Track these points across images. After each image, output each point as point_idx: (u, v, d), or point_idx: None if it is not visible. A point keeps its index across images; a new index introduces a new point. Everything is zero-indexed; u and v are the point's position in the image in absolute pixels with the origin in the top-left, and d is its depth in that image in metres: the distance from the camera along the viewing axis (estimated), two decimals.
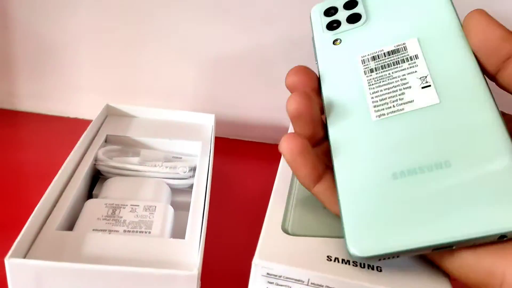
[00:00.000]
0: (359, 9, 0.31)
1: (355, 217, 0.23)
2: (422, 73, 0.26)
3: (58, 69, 0.55)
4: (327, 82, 0.29)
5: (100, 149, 0.43)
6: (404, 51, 0.28)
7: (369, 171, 0.24)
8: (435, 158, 0.23)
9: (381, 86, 0.27)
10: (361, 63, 0.28)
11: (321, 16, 0.32)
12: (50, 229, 0.34)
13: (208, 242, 0.40)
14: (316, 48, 0.31)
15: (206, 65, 0.54)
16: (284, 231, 0.32)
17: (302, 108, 0.26)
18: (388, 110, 0.26)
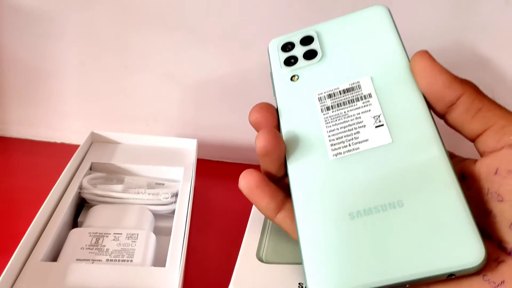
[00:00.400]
0: (315, 45, 0.31)
1: (314, 257, 0.24)
2: (376, 112, 0.27)
3: (45, 96, 0.57)
4: (286, 119, 0.29)
5: (85, 177, 0.45)
6: (359, 89, 0.28)
7: (327, 211, 0.25)
8: (389, 198, 0.24)
9: (337, 125, 0.27)
10: (318, 101, 0.29)
11: (278, 51, 0.32)
12: (35, 260, 0.35)
13: (188, 268, 0.41)
14: (274, 84, 0.31)
15: (189, 90, 0.56)
16: (258, 259, 0.34)
17: (270, 146, 0.26)
18: (345, 149, 0.26)
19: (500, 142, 0.24)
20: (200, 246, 0.45)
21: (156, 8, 0.51)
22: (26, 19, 0.52)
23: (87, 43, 0.53)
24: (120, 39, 0.53)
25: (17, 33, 0.53)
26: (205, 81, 0.56)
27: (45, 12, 0.51)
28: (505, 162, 0.24)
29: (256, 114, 0.29)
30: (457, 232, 0.22)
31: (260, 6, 0.50)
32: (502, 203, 0.23)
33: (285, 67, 0.31)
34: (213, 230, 0.48)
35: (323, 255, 0.23)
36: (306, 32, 0.32)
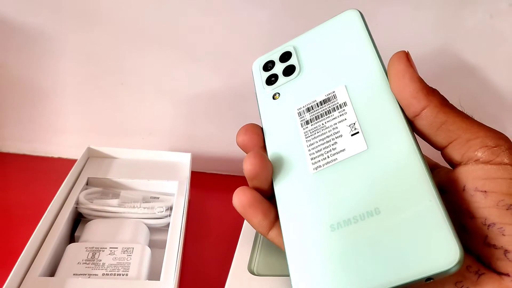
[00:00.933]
0: (293, 60, 0.31)
1: (299, 269, 0.25)
2: (351, 120, 0.27)
3: (43, 113, 0.58)
4: (270, 137, 0.30)
5: (81, 192, 0.46)
6: (334, 99, 0.28)
7: (309, 224, 0.25)
8: (366, 206, 0.24)
9: (316, 138, 0.28)
10: (298, 116, 0.29)
11: (260, 71, 0.33)
12: (33, 276, 0.36)
13: (183, 281, 0.42)
14: (259, 104, 0.32)
15: (182, 104, 0.57)
16: (250, 272, 0.35)
17: (258, 169, 0.27)
18: (324, 161, 0.27)
19: (464, 156, 0.24)
20: (195, 259, 0.46)
21: (150, 28, 0.52)
22: (25, 38, 0.53)
23: (84, 62, 0.55)
24: (116, 57, 0.54)
25: (16, 51, 0.54)
26: (198, 96, 0.57)
27: (44, 31, 0.53)
28: (471, 180, 0.24)
29: (242, 136, 0.30)
30: (432, 235, 0.22)
31: (250, 23, 0.51)
32: (473, 220, 0.23)
33: (267, 86, 0.32)
34: (207, 242, 0.49)
35: (307, 267, 0.24)
36: (284, 48, 0.33)
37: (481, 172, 0.23)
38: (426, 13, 0.49)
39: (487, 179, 0.23)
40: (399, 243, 0.23)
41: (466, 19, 0.49)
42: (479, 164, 0.24)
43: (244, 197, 0.27)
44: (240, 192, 0.27)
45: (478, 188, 0.23)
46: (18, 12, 0.52)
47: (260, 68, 0.33)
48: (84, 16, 0.52)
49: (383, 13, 0.49)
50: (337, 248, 0.24)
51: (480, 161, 0.24)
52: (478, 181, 0.23)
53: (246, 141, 0.30)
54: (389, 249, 0.23)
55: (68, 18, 0.52)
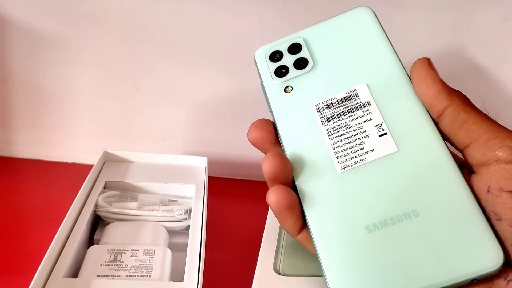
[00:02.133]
0: (304, 53, 0.30)
1: (337, 273, 0.24)
2: (377, 121, 0.27)
3: (57, 118, 0.58)
4: (286, 133, 0.28)
5: (100, 196, 0.46)
6: (356, 97, 0.28)
7: (343, 226, 0.24)
8: (403, 208, 0.24)
9: (340, 136, 0.27)
10: (317, 112, 0.28)
11: (267, 61, 0.31)
12: (57, 277, 0.36)
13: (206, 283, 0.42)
14: (268, 96, 0.30)
15: (197, 109, 0.57)
16: (276, 272, 0.35)
17: (278, 170, 0.26)
18: (352, 161, 0.26)
19: (485, 156, 0.24)
20: (216, 261, 0.46)
21: (164, 33, 0.53)
22: (39, 44, 0.53)
23: (99, 67, 0.55)
24: (130, 62, 0.55)
25: (30, 57, 0.54)
26: (212, 100, 0.57)
27: (58, 37, 0.53)
28: (495, 180, 0.23)
29: (252, 133, 0.29)
30: (474, 237, 0.23)
31: (263, 28, 0.52)
32: (501, 222, 0.23)
33: (277, 78, 0.30)
34: (226, 245, 0.49)
35: (346, 272, 0.24)
36: (293, 39, 0.31)
37: (504, 172, 0.23)
38: (442, 16, 0.49)
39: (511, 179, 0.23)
40: (442, 246, 0.23)
41: (481, 22, 0.49)
42: (501, 164, 0.23)
43: (283, 198, 0.26)
44: (279, 191, 0.26)
45: (504, 188, 0.23)
46: (32, 18, 0.52)
47: (266, 58, 0.31)
48: (98, 22, 0.52)
49: (400, 16, 0.49)
50: (377, 250, 0.24)
51: (502, 160, 0.24)
52: (503, 181, 0.23)
53: (257, 138, 0.29)
54: (431, 252, 0.23)
55: (82, 23, 0.53)
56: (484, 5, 0.48)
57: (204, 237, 0.41)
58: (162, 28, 0.52)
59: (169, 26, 0.52)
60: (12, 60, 0.55)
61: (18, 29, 0.53)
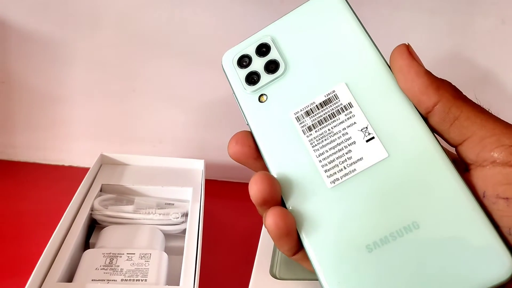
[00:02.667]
0: (274, 54, 0.27)
1: None
2: (362, 124, 0.25)
3: (54, 120, 0.58)
4: (267, 149, 0.26)
5: (96, 199, 0.46)
6: (336, 99, 0.25)
7: (342, 247, 0.23)
8: (402, 221, 0.22)
9: (325, 146, 0.25)
10: (297, 121, 0.26)
11: (235, 67, 0.28)
12: (51, 281, 0.36)
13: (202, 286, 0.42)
14: (243, 108, 0.27)
15: (194, 111, 0.57)
16: (272, 276, 0.35)
17: (267, 195, 0.24)
18: (341, 174, 0.24)
19: (480, 157, 0.22)
20: (212, 264, 0.46)
21: (161, 33, 0.53)
22: (36, 45, 0.53)
23: (95, 68, 0.55)
24: (127, 63, 0.54)
25: (27, 59, 0.54)
26: (210, 103, 0.57)
27: (55, 39, 0.53)
28: (491, 186, 0.22)
29: (233, 149, 0.27)
30: (481, 245, 0.21)
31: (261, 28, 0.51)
32: (499, 229, 0.22)
33: (248, 86, 0.27)
34: (224, 249, 0.49)
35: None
36: (260, 39, 0.28)
37: (500, 177, 0.22)
38: (439, 18, 0.49)
39: (508, 185, 0.21)
40: (449, 257, 0.21)
41: (479, 24, 0.49)
42: (497, 166, 0.22)
43: (283, 224, 0.23)
44: (278, 216, 0.23)
45: (500, 195, 0.22)
46: (28, 19, 0.52)
47: (234, 64, 0.28)
48: (94, 22, 0.52)
49: (397, 18, 0.49)
50: (380, 270, 0.22)
51: (498, 162, 0.22)
52: (499, 187, 0.22)
53: (238, 154, 0.27)
54: (438, 265, 0.21)
55: (78, 24, 0.52)
56: (481, 7, 0.48)
57: (200, 240, 0.41)
58: (159, 29, 0.52)
59: (166, 27, 0.52)
60: (8, 62, 0.54)
61: (14, 31, 0.52)
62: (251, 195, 0.24)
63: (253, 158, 0.27)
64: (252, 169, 0.27)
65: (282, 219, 0.23)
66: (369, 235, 0.23)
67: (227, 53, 0.29)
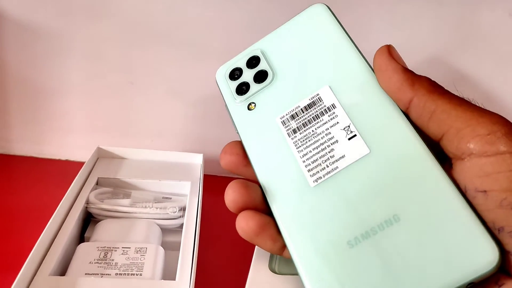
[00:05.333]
0: (263, 65, 0.29)
1: None
2: (344, 123, 0.25)
3: (49, 113, 0.57)
4: (253, 153, 0.27)
5: (91, 192, 0.44)
6: (320, 102, 0.26)
7: (324, 245, 0.23)
8: (383, 215, 0.22)
9: (308, 147, 0.25)
10: (282, 125, 0.26)
11: (227, 80, 0.30)
12: (43, 275, 0.34)
13: (198, 282, 0.41)
14: (233, 117, 0.28)
15: (193, 105, 0.56)
16: (271, 271, 0.33)
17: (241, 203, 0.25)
18: (323, 172, 0.24)
19: (458, 150, 0.22)
20: (209, 259, 0.45)
21: (160, 25, 0.51)
22: (31, 36, 0.52)
23: (92, 60, 0.54)
24: (125, 55, 0.53)
25: (22, 50, 0.53)
26: (210, 97, 0.56)
27: (51, 29, 0.52)
28: (470, 179, 0.21)
29: (223, 160, 0.28)
30: (464, 237, 0.21)
31: (264, 21, 0.50)
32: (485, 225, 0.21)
33: (238, 96, 0.28)
34: (221, 243, 0.48)
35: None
36: (250, 52, 0.30)
37: (477, 169, 0.21)
38: (446, 10, 0.48)
39: (484, 177, 0.21)
40: (431, 250, 0.21)
41: (485, 17, 0.48)
42: (474, 158, 0.21)
43: (248, 228, 0.24)
44: (242, 220, 0.25)
45: (478, 189, 0.21)
46: (24, 11, 0.51)
47: (226, 77, 0.30)
48: (91, 12, 0.51)
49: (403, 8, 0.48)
50: (362, 265, 0.22)
51: (474, 154, 0.21)
52: (476, 179, 0.21)
53: (228, 164, 0.27)
54: (420, 258, 0.21)
55: (75, 15, 0.51)
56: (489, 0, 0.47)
57: (198, 235, 0.40)
58: (158, 21, 0.51)
59: (165, 18, 0.51)
60: (2, 54, 0.53)
61: (9, 23, 0.51)
62: (227, 204, 0.25)
63: (243, 166, 0.27)
64: (245, 177, 0.27)
65: (247, 222, 0.24)
66: (350, 231, 0.23)
67: (220, 68, 0.30)
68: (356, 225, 0.23)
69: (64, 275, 0.36)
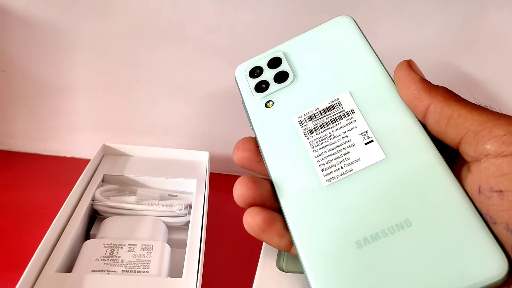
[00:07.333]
0: (284, 67, 0.29)
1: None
2: (362, 128, 0.26)
3: (55, 110, 0.57)
4: (267, 150, 0.27)
5: (97, 189, 0.44)
6: (339, 106, 0.27)
7: (331, 244, 0.23)
8: (394, 219, 0.22)
9: (324, 148, 0.26)
10: (299, 125, 0.27)
11: (246, 77, 0.30)
12: (50, 271, 0.34)
13: (205, 280, 0.40)
14: (249, 113, 0.29)
15: (199, 103, 0.56)
16: (279, 268, 0.33)
17: (250, 198, 0.25)
18: (337, 173, 0.25)
19: (476, 152, 0.22)
20: (215, 257, 0.44)
21: (166, 22, 0.51)
22: (37, 33, 0.52)
23: (98, 57, 0.53)
24: (131, 52, 0.53)
25: (28, 46, 0.53)
26: (216, 94, 0.56)
27: (57, 26, 0.52)
28: (485, 179, 0.21)
29: (236, 155, 0.28)
30: (474, 246, 0.21)
31: (270, 17, 0.50)
32: (496, 225, 0.21)
33: (257, 93, 0.29)
34: (228, 242, 0.48)
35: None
36: (272, 54, 0.30)
37: (493, 169, 0.21)
38: (453, 9, 0.48)
39: (500, 176, 0.21)
40: (439, 257, 0.21)
41: (493, 16, 0.48)
42: (490, 159, 0.21)
43: (254, 224, 0.25)
44: (249, 216, 0.25)
45: (494, 188, 0.21)
46: (30, 7, 0.51)
47: (246, 74, 0.30)
48: (97, 9, 0.51)
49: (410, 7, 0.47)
50: (369, 266, 0.22)
51: (491, 154, 0.21)
52: (492, 179, 0.21)
53: (241, 159, 0.28)
54: (429, 264, 0.21)
55: (81, 11, 0.51)
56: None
57: (204, 232, 0.39)
58: (164, 18, 0.51)
59: (172, 16, 0.51)
60: (9, 50, 0.53)
61: (15, 17, 0.51)
62: (235, 199, 0.25)
63: (256, 162, 0.27)
64: (256, 173, 0.28)
65: (253, 218, 0.25)
66: (360, 231, 0.23)
67: (241, 65, 0.31)
68: (366, 226, 0.23)
69: (70, 271, 0.36)
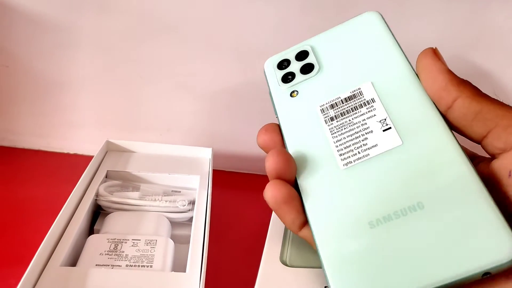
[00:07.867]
0: (310, 59, 0.31)
1: (339, 271, 0.23)
2: (381, 116, 0.26)
3: (57, 106, 0.57)
4: (290, 135, 0.28)
5: (101, 185, 0.44)
6: (361, 95, 0.28)
7: (345, 223, 0.24)
8: (407, 201, 0.23)
9: (343, 134, 0.27)
10: (321, 113, 0.28)
11: (275, 69, 0.32)
12: (54, 265, 0.34)
13: (209, 275, 0.41)
14: (274, 102, 0.30)
15: (203, 99, 0.56)
16: (282, 263, 0.33)
17: (281, 167, 0.26)
18: (354, 157, 0.26)
19: (507, 143, 0.23)
20: (219, 253, 0.45)
21: (170, 19, 0.51)
22: (40, 29, 0.52)
23: (101, 53, 0.53)
24: (134, 49, 0.53)
25: (31, 43, 0.53)
26: (219, 91, 0.56)
27: (60, 22, 0.52)
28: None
29: (263, 136, 0.29)
30: (485, 227, 0.21)
31: (274, 15, 0.50)
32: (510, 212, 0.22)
33: (283, 84, 0.31)
34: (231, 238, 0.48)
35: (348, 269, 0.22)
36: (300, 47, 0.32)
37: None
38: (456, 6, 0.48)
39: None
40: (450, 238, 0.21)
41: (497, 12, 0.48)
42: None
43: (279, 192, 0.25)
44: (274, 186, 0.25)
45: None
46: (32, 1, 0.51)
47: (274, 67, 0.32)
48: (101, 5, 0.51)
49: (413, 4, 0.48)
50: (380, 246, 0.22)
51: None
52: None
53: (267, 141, 0.29)
54: (439, 245, 0.22)
55: (84, 8, 0.51)
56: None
57: (208, 228, 0.40)
58: (167, 15, 0.51)
59: (175, 12, 0.51)
60: (12, 46, 0.53)
61: (18, 14, 0.51)
62: (267, 167, 0.26)
63: (282, 145, 0.28)
64: None
65: (279, 188, 0.25)
66: (373, 212, 0.23)
67: (270, 58, 0.33)
68: (379, 207, 0.23)
69: (74, 266, 0.36)
